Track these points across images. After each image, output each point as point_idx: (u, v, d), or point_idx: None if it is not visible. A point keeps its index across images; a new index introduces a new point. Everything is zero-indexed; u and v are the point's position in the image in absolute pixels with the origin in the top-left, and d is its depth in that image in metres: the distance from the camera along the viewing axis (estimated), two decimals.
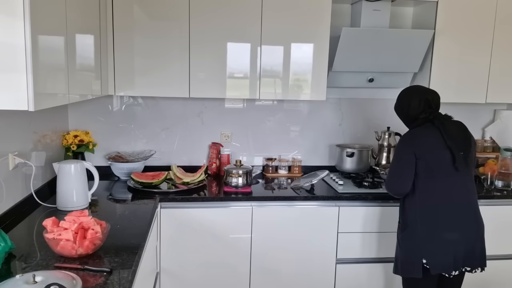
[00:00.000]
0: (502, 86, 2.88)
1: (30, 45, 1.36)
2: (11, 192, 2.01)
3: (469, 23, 2.78)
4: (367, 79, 2.91)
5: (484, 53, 2.83)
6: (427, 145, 2.05)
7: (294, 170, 3.07)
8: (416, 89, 2.21)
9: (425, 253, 2.04)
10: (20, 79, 1.38)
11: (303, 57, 2.68)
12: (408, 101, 2.18)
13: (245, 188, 2.63)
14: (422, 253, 2.04)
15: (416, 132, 2.12)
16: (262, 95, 2.70)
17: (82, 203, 2.19)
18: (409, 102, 2.17)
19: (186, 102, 2.99)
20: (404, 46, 2.74)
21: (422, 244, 2.05)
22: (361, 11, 2.78)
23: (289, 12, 2.61)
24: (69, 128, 2.88)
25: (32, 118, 2.24)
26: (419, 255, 2.05)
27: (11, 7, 1.34)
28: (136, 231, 1.89)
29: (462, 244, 2.03)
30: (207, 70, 2.62)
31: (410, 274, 2.11)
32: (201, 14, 2.55)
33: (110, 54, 2.53)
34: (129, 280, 1.45)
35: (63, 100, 1.74)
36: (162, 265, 2.49)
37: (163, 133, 3.02)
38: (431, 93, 2.18)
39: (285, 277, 2.60)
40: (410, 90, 2.22)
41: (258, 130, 3.11)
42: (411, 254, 2.09)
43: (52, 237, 1.57)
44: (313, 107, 3.13)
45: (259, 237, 2.53)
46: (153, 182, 2.60)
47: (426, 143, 2.06)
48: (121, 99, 2.95)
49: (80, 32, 1.97)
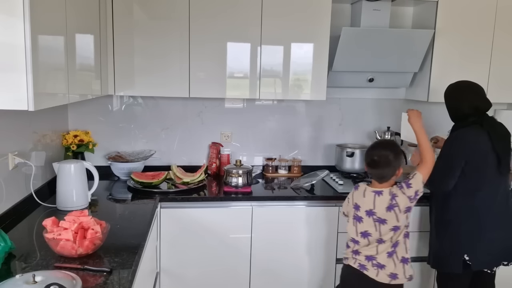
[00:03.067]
0: (502, 86, 2.88)
1: (30, 45, 1.36)
2: (11, 192, 2.01)
3: (469, 23, 2.78)
4: (367, 79, 2.91)
5: (484, 53, 2.83)
6: (476, 147, 2.10)
7: (294, 170, 3.07)
8: (471, 91, 2.19)
9: (468, 250, 2.12)
10: (20, 79, 1.38)
11: (303, 57, 2.68)
12: (460, 101, 2.19)
13: (245, 188, 2.63)
14: (465, 250, 2.12)
15: (466, 133, 2.13)
16: (262, 95, 2.70)
17: (82, 203, 2.19)
18: (461, 102, 2.18)
19: (186, 102, 2.99)
20: (404, 46, 2.74)
21: (465, 241, 2.13)
22: (361, 11, 2.78)
23: (289, 12, 2.61)
24: (69, 128, 2.88)
25: (32, 118, 2.24)
26: (462, 251, 2.13)
27: (11, 7, 1.34)
28: (136, 231, 1.89)
29: (504, 242, 2.15)
30: (207, 70, 2.62)
31: (449, 269, 2.18)
32: (201, 14, 2.55)
33: (110, 54, 2.53)
34: (129, 280, 1.45)
35: (63, 100, 1.74)
36: (162, 265, 2.49)
37: (163, 133, 3.02)
38: (482, 100, 2.17)
39: (285, 277, 2.60)
40: (465, 90, 2.20)
41: (258, 130, 3.11)
42: (452, 250, 2.16)
43: (52, 237, 1.57)
44: (313, 107, 3.13)
45: (259, 237, 2.53)
46: (153, 182, 2.60)
47: (475, 145, 2.10)
48: (121, 99, 2.95)
49: (80, 32, 1.97)
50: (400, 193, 1.95)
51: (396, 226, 1.95)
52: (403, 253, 2.01)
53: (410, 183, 1.97)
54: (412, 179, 1.98)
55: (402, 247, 2.00)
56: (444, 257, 2.20)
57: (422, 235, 2.64)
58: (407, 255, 2.02)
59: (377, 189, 1.98)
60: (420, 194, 1.98)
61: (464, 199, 2.13)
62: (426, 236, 2.64)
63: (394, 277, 1.99)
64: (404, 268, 2.01)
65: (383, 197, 1.95)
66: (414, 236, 2.64)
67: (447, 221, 2.18)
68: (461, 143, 2.12)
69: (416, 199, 1.97)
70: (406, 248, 2.02)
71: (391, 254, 1.98)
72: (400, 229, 1.97)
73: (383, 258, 1.98)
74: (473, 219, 2.12)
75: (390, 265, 1.98)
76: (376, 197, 1.96)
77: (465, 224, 2.13)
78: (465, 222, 2.13)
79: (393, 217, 1.94)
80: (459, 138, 2.14)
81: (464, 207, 2.13)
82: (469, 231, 2.12)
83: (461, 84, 2.24)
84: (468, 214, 2.13)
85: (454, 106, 2.22)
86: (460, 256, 2.13)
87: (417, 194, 1.96)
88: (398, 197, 1.94)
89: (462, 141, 2.12)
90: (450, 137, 2.19)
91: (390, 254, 1.98)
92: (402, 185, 1.98)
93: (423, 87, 2.90)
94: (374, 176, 2.01)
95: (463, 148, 2.10)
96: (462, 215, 2.14)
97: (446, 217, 2.19)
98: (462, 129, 2.16)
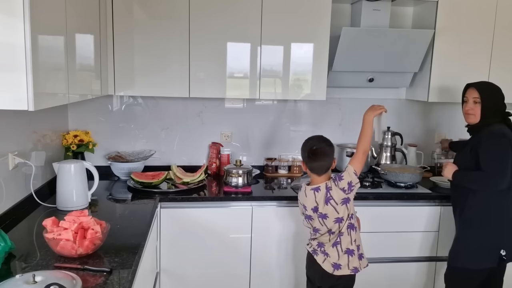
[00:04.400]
0: (502, 86, 2.84)
1: (30, 45, 1.36)
2: (11, 192, 2.01)
3: (469, 23, 2.78)
4: (367, 79, 2.91)
5: (484, 53, 2.83)
6: None
7: (294, 170, 3.07)
8: None
9: (506, 245, 2.16)
10: (20, 79, 1.38)
11: (303, 57, 2.68)
12: (502, 97, 2.21)
13: (245, 188, 2.63)
14: (501, 245, 2.16)
15: (504, 130, 2.13)
16: (262, 95, 2.70)
17: (82, 203, 2.18)
18: (502, 99, 2.20)
19: (186, 102, 2.99)
20: (404, 46, 2.74)
21: (504, 236, 2.16)
22: (361, 11, 2.78)
23: (289, 12, 2.61)
24: (69, 128, 2.88)
25: (32, 118, 2.24)
26: (499, 246, 2.17)
27: (11, 7, 1.34)
28: (136, 231, 1.89)
29: None
30: (207, 70, 2.62)
31: (483, 265, 2.19)
32: (201, 13, 2.55)
33: (110, 54, 2.53)
34: (129, 280, 1.45)
35: (63, 100, 1.74)
36: (162, 265, 2.49)
37: (163, 133, 3.02)
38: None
39: (285, 277, 2.60)
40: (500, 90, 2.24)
41: (258, 130, 3.11)
42: (489, 245, 2.17)
43: (52, 237, 1.57)
44: (313, 107, 3.13)
45: (259, 237, 2.53)
46: (153, 182, 2.60)
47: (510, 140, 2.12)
48: (121, 99, 2.95)
49: (80, 32, 1.97)
50: (333, 186, 2.02)
51: (338, 217, 2.02)
52: (347, 244, 2.06)
53: (342, 176, 2.03)
54: (344, 172, 2.04)
55: (346, 238, 2.06)
56: (478, 251, 2.19)
57: (429, 235, 2.65)
58: (352, 246, 2.07)
59: (314, 186, 2.05)
60: (356, 185, 2.03)
61: (499, 195, 2.13)
62: (429, 236, 2.65)
63: (337, 267, 2.06)
64: (348, 259, 2.06)
65: (321, 192, 2.03)
66: (417, 236, 2.65)
67: (479, 217, 2.18)
68: (506, 140, 2.10)
69: (352, 190, 2.02)
70: (351, 240, 2.07)
71: (335, 244, 2.06)
72: (343, 220, 2.03)
73: (329, 247, 2.07)
74: (507, 214, 2.16)
75: (334, 255, 2.06)
76: (316, 193, 2.04)
77: (501, 219, 2.15)
78: (501, 217, 2.15)
79: (332, 210, 2.01)
80: (503, 136, 2.11)
81: (499, 201, 2.15)
82: (504, 226, 2.16)
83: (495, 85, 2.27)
84: (503, 209, 2.15)
85: (500, 101, 2.21)
86: (497, 251, 2.16)
87: (351, 185, 2.01)
88: (332, 190, 2.01)
89: (506, 138, 2.11)
90: (488, 135, 2.13)
91: (335, 244, 2.06)
92: (335, 177, 2.04)
93: (423, 87, 2.90)
94: (315, 170, 2.06)
95: (509, 143, 2.09)
96: (497, 210, 2.15)
97: (479, 213, 2.19)
98: (495, 126, 2.15)
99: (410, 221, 2.62)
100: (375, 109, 2.17)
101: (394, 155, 3.07)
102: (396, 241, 2.63)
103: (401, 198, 2.61)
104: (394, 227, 2.62)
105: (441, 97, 2.85)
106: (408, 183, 2.71)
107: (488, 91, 2.21)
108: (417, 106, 3.22)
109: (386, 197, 2.60)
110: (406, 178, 2.70)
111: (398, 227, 2.62)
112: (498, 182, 2.09)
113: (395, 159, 3.06)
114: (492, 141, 2.12)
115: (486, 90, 2.21)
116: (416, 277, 2.69)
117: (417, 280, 2.69)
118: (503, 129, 2.14)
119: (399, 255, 2.66)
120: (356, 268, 2.09)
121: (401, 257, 2.66)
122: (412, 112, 3.23)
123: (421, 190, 2.69)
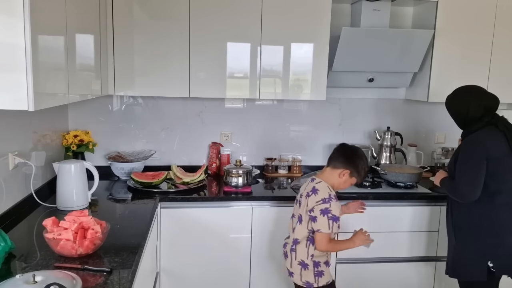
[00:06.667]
0: (502, 86, 2.87)
1: (30, 45, 1.36)
2: (11, 192, 2.01)
3: (469, 23, 2.78)
4: (367, 79, 2.91)
5: (484, 53, 2.83)
6: (495, 149, 2.01)
7: (294, 170, 3.07)
8: (474, 92, 2.12)
9: (493, 257, 2.04)
10: (20, 79, 1.38)
11: (303, 57, 2.68)
12: (466, 105, 2.09)
13: (245, 188, 2.63)
14: (489, 257, 2.05)
15: (482, 135, 2.04)
16: (262, 95, 2.70)
17: (82, 203, 2.19)
18: (468, 106, 2.08)
19: (186, 102, 2.99)
20: (404, 46, 2.74)
21: (490, 247, 2.04)
22: (361, 11, 2.78)
23: (289, 12, 2.61)
24: (69, 128, 2.88)
25: (32, 118, 2.24)
26: (486, 258, 2.05)
27: (11, 7, 1.34)
28: (136, 231, 1.89)
29: None
30: (207, 70, 2.62)
31: (473, 277, 2.09)
32: (201, 13, 2.55)
33: (110, 54, 2.53)
34: (129, 280, 1.45)
35: (63, 100, 1.74)
36: (162, 265, 2.49)
37: (163, 133, 3.02)
38: (489, 97, 2.10)
39: (285, 277, 2.59)
40: (467, 93, 2.13)
41: (258, 130, 3.11)
42: (476, 257, 2.07)
43: (52, 237, 1.57)
44: (313, 107, 3.13)
45: (259, 237, 2.53)
46: (153, 182, 2.60)
47: (493, 147, 2.01)
48: (121, 99, 2.95)
49: (80, 32, 1.97)
50: (312, 197, 1.97)
51: (299, 215, 2.01)
52: (302, 256, 1.99)
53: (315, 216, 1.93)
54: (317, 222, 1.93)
55: (303, 249, 1.99)
56: (466, 265, 2.10)
57: (429, 234, 2.65)
58: (307, 261, 1.98)
59: (315, 177, 2.06)
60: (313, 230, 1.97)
61: (485, 203, 2.03)
62: (429, 236, 2.65)
63: (291, 274, 2.05)
64: (301, 271, 2.00)
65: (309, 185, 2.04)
66: (421, 236, 2.64)
67: (467, 226, 2.10)
68: (480, 146, 2.01)
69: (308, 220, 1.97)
70: (308, 254, 1.98)
71: (292, 250, 2.04)
72: (301, 221, 1.99)
73: (289, 250, 2.07)
74: (494, 224, 2.03)
75: (289, 260, 2.05)
76: (310, 183, 2.05)
77: (487, 229, 2.04)
78: (487, 227, 2.04)
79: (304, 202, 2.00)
80: (477, 142, 2.03)
81: (485, 211, 2.04)
82: (491, 236, 2.04)
83: (462, 89, 2.18)
84: (489, 218, 2.04)
85: (461, 110, 2.11)
86: (485, 263, 2.05)
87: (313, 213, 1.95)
88: (309, 197, 1.98)
89: (480, 144, 2.02)
90: (465, 143, 2.07)
91: (292, 250, 2.04)
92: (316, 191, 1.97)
93: (423, 87, 2.90)
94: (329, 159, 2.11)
95: (482, 150, 2.00)
96: (483, 220, 2.04)
97: (465, 223, 2.10)
98: (476, 133, 2.05)
99: (410, 221, 2.62)
100: (365, 239, 2.06)
101: (394, 155, 3.07)
102: (396, 241, 2.63)
103: (401, 198, 2.61)
104: (394, 227, 2.62)
105: (441, 97, 2.83)
106: (408, 183, 2.71)
107: (449, 107, 2.19)
108: (417, 106, 3.22)
109: (386, 197, 2.60)
110: (406, 178, 2.70)
111: (398, 227, 2.62)
112: (465, 194, 2.02)
113: (395, 159, 3.06)
114: (465, 151, 2.05)
115: (448, 106, 2.20)
116: (416, 277, 2.69)
117: (417, 280, 2.69)
118: (484, 136, 2.03)
119: (399, 255, 2.66)
120: (309, 283, 2.00)
121: (401, 257, 2.66)
122: (412, 112, 3.23)
123: (421, 190, 2.69)
